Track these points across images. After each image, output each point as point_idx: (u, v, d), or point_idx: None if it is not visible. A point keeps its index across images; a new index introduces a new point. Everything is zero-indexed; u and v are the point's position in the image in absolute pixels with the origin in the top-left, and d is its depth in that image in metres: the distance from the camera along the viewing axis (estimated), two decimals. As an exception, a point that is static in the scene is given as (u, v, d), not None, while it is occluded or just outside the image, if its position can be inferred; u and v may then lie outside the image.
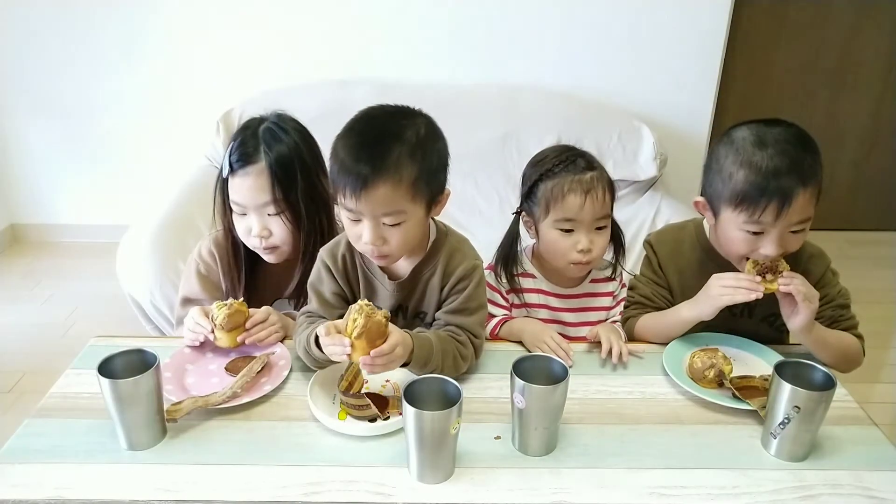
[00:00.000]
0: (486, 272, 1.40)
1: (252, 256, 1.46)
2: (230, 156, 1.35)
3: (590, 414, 1.15)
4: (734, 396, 1.16)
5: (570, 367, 1.26)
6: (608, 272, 1.49)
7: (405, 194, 1.13)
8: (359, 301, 1.10)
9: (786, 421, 1.02)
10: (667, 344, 1.32)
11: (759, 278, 1.21)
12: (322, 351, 1.14)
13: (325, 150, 3.14)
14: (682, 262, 1.42)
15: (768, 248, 1.22)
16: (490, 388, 1.22)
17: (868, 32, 3.18)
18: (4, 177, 3.26)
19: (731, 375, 1.20)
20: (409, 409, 0.95)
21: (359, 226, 1.16)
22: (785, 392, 1.01)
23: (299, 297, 1.45)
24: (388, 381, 1.21)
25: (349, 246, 1.27)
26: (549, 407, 1.02)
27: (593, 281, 1.48)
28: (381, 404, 1.11)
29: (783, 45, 3.20)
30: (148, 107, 3.09)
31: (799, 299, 1.19)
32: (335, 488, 0.98)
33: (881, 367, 2.55)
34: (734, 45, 3.05)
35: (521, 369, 1.04)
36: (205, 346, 1.29)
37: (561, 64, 2.98)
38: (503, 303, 1.46)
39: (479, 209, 2.66)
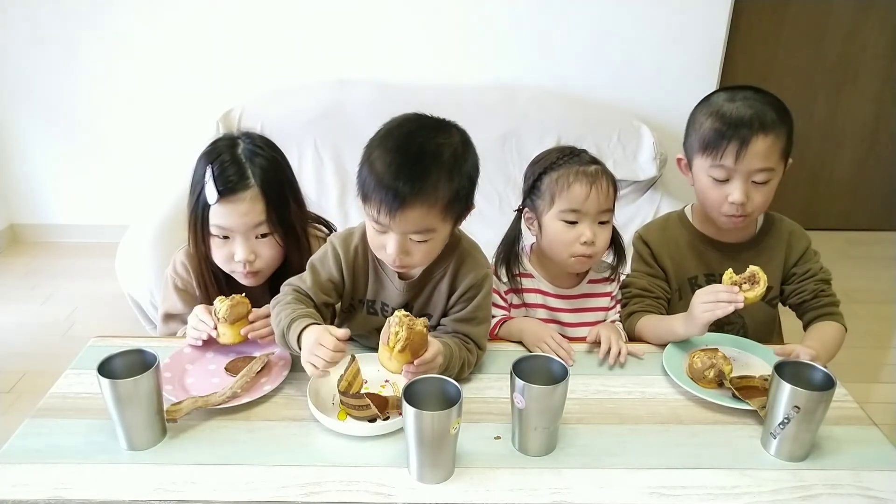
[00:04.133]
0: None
1: (227, 276, 1.42)
2: (215, 182, 1.28)
3: (590, 414, 1.15)
4: (734, 396, 1.16)
5: (571, 366, 1.26)
6: (607, 273, 1.49)
7: (438, 215, 1.13)
8: (396, 313, 1.09)
9: (786, 421, 1.02)
10: (666, 344, 1.32)
11: (736, 288, 1.22)
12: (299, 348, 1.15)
13: (325, 150, 3.13)
14: (672, 248, 1.48)
15: (734, 193, 1.32)
16: (490, 388, 1.22)
17: (868, 32, 3.18)
18: (4, 177, 3.26)
19: (731, 375, 1.20)
20: (409, 409, 0.95)
21: (384, 237, 1.16)
22: (785, 392, 1.01)
23: None
24: (387, 381, 1.21)
25: (363, 239, 1.26)
26: (549, 407, 1.02)
27: (591, 281, 1.48)
28: (381, 404, 1.11)
29: (783, 44, 3.20)
30: (148, 107, 3.09)
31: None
32: (335, 488, 0.98)
33: (881, 367, 2.55)
34: (734, 45, 3.05)
35: (521, 369, 1.04)
36: (205, 347, 1.29)
37: (561, 64, 2.98)
38: (502, 303, 1.46)
39: (479, 209, 2.64)
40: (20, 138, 3.17)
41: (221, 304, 1.25)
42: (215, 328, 1.26)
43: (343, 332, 1.12)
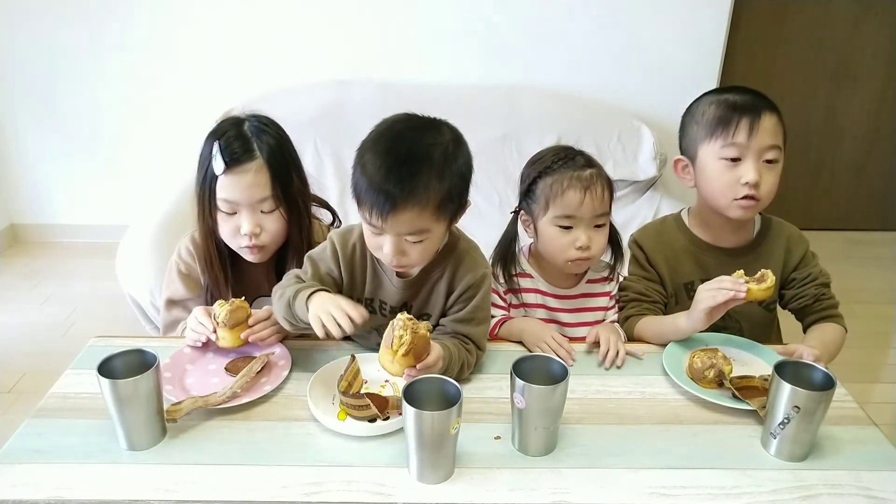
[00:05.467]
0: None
1: (232, 257, 1.44)
2: (222, 154, 1.31)
3: (590, 414, 1.15)
4: (734, 396, 1.16)
5: (571, 366, 1.26)
6: (605, 273, 1.49)
7: (431, 215, 1.13)
8: (399, 315, 1.09)
9: (786, 421, 1.02)
10: (667, 344, 1.32)
11: (742, 280, 1.22)
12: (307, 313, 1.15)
13: (324, 150, 3.13)
14: (668, 252, 1.47)
15: (749, 173, 1.31)
16: (490, 388, 1.22)
17: (868, 32, 3.18)
18: (4, 177, 3.26)
19: (731, 375, 1.19)
20: (409, 409, 0.95)
21: (380, 238, 1.16)
22: (785, 392, 1.01)
23: None
24: (387, 381, 1.21)
25: (361, 237, 1.26)
26: (549, 407, 1.02)
27: (590, 281, 1.48)
28: (381, 404, 1.11)
29: (783, 45, 3.20)
30: (148, 106, 3.09)
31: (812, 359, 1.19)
32: (335, 488, 0.98)
33: (881, 367, 2.55)
34: (734, 45, 3.05)
35: (521, 369, 1.04)
36: (205, 347, 1.29)
37: (561, 64, 2.98)
38: (501, 303, 1.46)
39: (478, 209, 2.65)
40: (20, 138, 3.17)
41: (221, 308, 1.25)
42: (214, 332, 1.26)
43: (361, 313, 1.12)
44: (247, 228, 1.35)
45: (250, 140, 1.34)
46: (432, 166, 1.12)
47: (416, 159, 1.12)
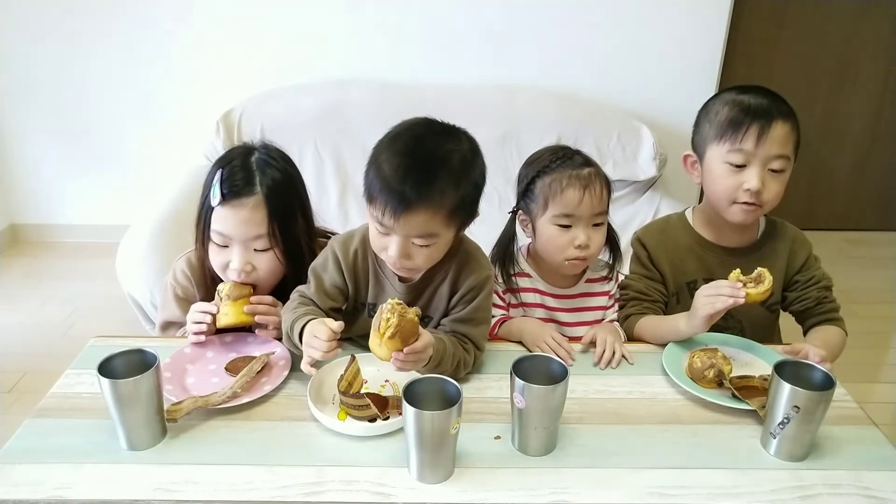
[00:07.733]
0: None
1: None
2: (221, 185, 1.28)
3: (590, 414, 1.15)
4: (734, 396, 1.16)
5: (571, 366, 1.26)
6: (604, 272, 1.49)
7: (442, 220, 1.14)
8: (389, 300, 1.09)
9: (785, 421, 1.02)
10: (666, 344, 1.32)
11: (739, 284, 1.22)
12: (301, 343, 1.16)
13: (325, 150, 3.13)
14: (671, 251, 1.46)
15: (751, 181, 1.30)
16: (490, 388, 1.22)
17: (868, 32, 3.19)
18: (4, 177, 3.26)
19: (731, 375, 1.20)
20: (409, 409, 0.95)
21: (386, 239, 1.16)
22: (784, 392, 1.01)
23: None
24: (387, 381, 1.21)
25: (363, 242, 1.26)
26: (549, 407, 1.03)
27: (589, 281, 1.48)
28: (381, 404, 1.11)
29: (783, 45, 3.20)
30: (148, 106, 3.09)
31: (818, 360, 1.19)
32: (335, 488, 0.98)
33: (881, 367, 2.56)
34: (734, 45, 3.05)
35: (521, 369, 1.04)
36: (205, 346, 1.30)
37: (561, 64, 2.98)
38: (500, 303, 1.46)
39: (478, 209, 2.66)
40: (21, 138, 3.17)
41: (225, 284, 1.28)
42: (218, 311, 1.27)
43: (338, 324, 1.13)
44: (236, 265, 1.31)
45: (254, 173, 1.31)
46: (450, 172, 1.12)
47: (434, 163, 1.12)
